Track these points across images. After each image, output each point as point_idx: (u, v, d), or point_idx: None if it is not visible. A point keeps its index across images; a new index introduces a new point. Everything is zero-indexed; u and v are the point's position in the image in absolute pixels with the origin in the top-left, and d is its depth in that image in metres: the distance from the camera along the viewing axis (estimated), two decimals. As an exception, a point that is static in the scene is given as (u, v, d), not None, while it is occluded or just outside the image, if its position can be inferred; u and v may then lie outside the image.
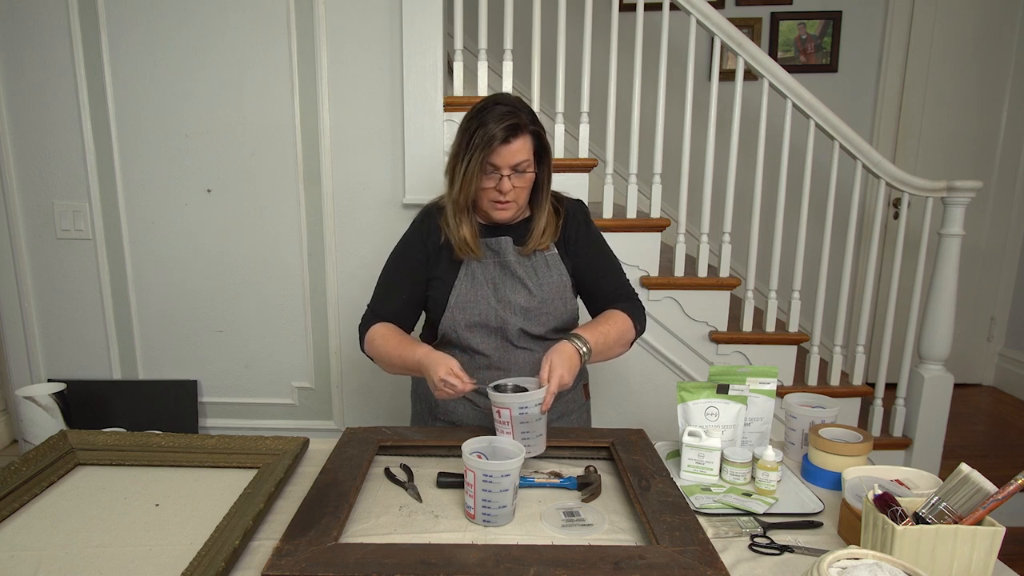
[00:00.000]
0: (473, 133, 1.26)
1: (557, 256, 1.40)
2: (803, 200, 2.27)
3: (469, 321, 1.36)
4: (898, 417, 2.39)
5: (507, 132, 1.24)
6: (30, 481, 1.11)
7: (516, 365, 1.38)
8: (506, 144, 1.25)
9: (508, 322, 1.35)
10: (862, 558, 0.78)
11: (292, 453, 1.20)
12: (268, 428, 2.37)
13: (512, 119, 1.25)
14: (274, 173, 2.21)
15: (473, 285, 1.36)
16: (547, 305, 1.37)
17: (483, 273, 1.37)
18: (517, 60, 2.25)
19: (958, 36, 3.15)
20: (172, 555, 0.93)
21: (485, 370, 1.38)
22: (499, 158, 1.26)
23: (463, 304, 1.36)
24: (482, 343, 1.37)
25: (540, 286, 1.37)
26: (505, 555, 0.89)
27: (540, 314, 1.36)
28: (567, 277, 1.40)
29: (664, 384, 2.31)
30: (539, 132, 1.31)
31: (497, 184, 1.29)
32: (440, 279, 1.39)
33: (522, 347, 1.38)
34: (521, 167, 1.28)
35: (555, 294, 1.37)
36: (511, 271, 1.36)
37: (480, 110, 1.28)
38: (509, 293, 1.36)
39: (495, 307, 1.35)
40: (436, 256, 1.40)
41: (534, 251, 1.37)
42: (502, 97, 1.31)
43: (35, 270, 2.28)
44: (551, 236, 1.38)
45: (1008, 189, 3.29)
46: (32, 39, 2.12)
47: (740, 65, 2.18)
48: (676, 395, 1.26)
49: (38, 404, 1.91)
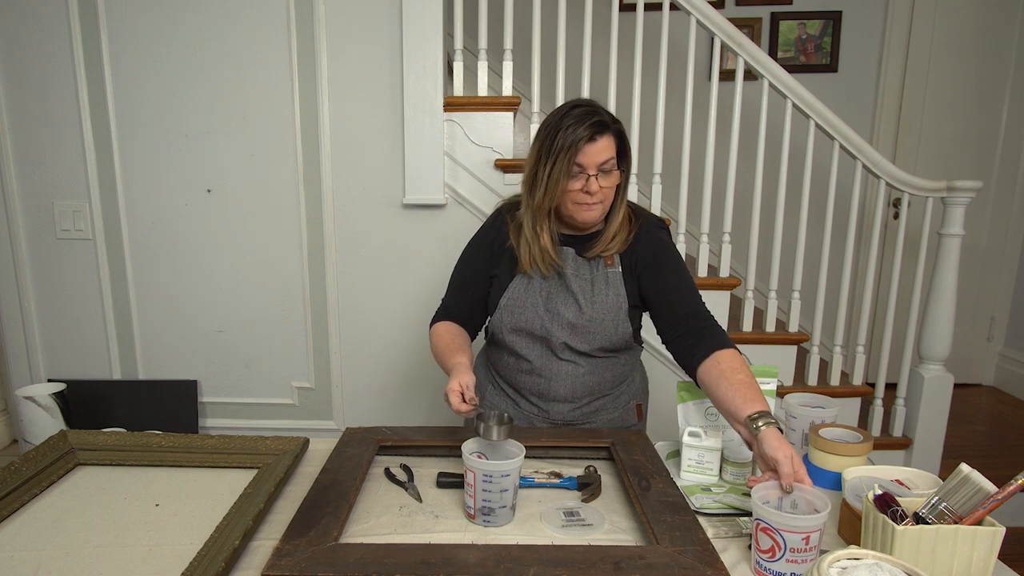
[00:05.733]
0: (555, 136, 1.24)
1: (619, 274, 1.34)
2: (803, 200, 2.27)
3: (515, 325, 1.34)
4: (898, 417, 2.39)
5: (592, 130, 1.23)
6: (30, 481, 1.10)
7: (559, 376, 1.35)
8: (592, 143, 1.23)
9: (553, 334, 1.33)
10: (862, 558, 0.78)
11: (292, 453, 1.20)
12: (268, 428, 2.37)
13: (595, 117, 1.24)
14: (274, 173, 2.21)
15: (526, 291, 1.34)
16: (595, 324, 1.32)
17: (538, 281, 1.35)
18: (517, 60, 2.25)
19: (958, 36, 3.15)
20: (172, 555, 0.93)
21: (528, 375, 1.37)
22: (585, 157, 1.24)
23: (512, 307, 1.34)
24: (526, 349, 1.36)
25: (592, 304, 1.32)
26: (505, 555, 0.89)
27: (587, 332, 1.32)
28: (624, 299, 1.33)
29: (664, 384, 2.31)
30: (621, 131, 1.29)
31: (584, 186, 1.26)
32: (499, 278, 1.38)
33: (566, 360, 1.35)
34: (607, 166, 1.26)
35: (607, 314, 1.32)
36: (566, 284, 1.33)
37: (561, 116, 1.26)
38: (559, 306, 1.33)
39: (542, 317, 1.33)
40: (500, 255, 1.38)
41: (597, 262, 1.34)
42: (579, 100, 1.30)
43: (35, 270, 2.28)
44: (619, 245, 1.34)
45: (1008, 189, 3.29)
46: (32, 39, 2.12)
47: (740, 65, 2.18)
48: (676, 395, 1.26)
49: (38, 404, 1.91)
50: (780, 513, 0.87)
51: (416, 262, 2.26)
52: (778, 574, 0.88)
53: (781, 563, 0.87)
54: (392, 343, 2.34)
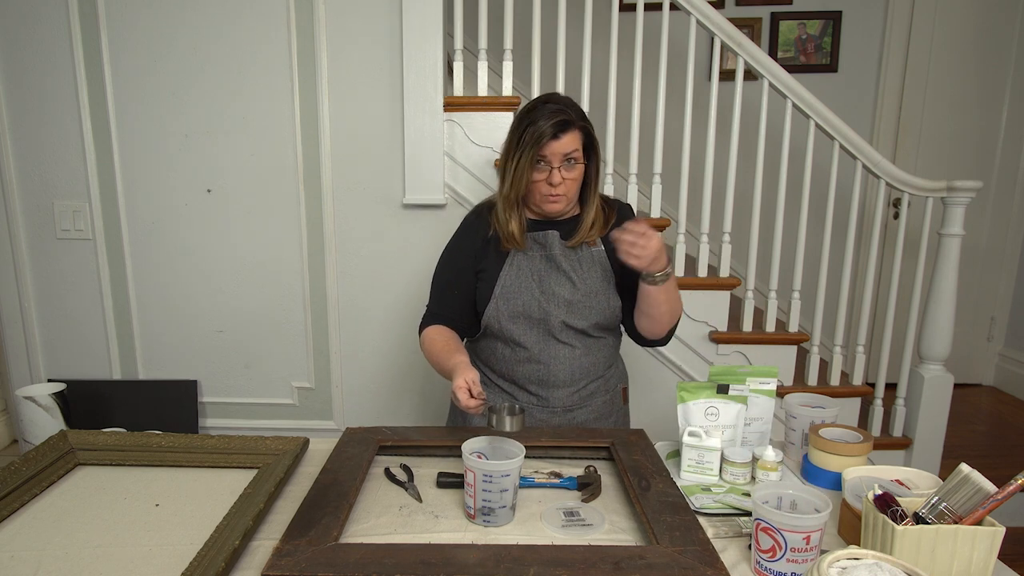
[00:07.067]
0: (524, 130, 1.30)
1: (603, 252, 1.41)
2: (803, 200, 2.27)
3: (512, 311, 1.37)
4: (898, 417, 2.39)
5: (556, 128, 1.28)
6: (30, 481, 1.11)
7: (557, 359, 1.39)
8: (555, 140, 1.29)
9: (551, 314, 1.36)
10: (862, 558, 0.78)
11: (292, 453, 1.20)
12: (268, 428, 2.37)
13: (561, 116, 1.29)
14: (274, 173, 2.21)
15: (518, 276, 1.38)
16: (590, 299, 1.38)
17: (528, 265, 1.39)
18: (517, 60, 2.25)
19: (958, 36, 3.15)
20: (172, 555, 0.93)
21: (526, 363, 1.40)
22: (548, 150, 1.30)
23: (507, 294, 1.38)
24: (524, 335, 1.38)
25: (584, 280, 1.39)
26: (505, 555, 0.89)
27: (583, 307, 1.38)
28: (611, 274, 1.41)
29: (664, 384, 2.31)
30: (588, 128, 1.35)
31: (548, 177, 1.32)
32: (486, 271, 1.41)
33: (563, 341, 1.39)
34: (571, 156, 1.31)
35: (598, 288, 1.39)
36: (556, 264, 1.39)
37: (530, 109, 1.32)
38: (553, 285, 1.38)
39: (538, 298, 1.37)
40: (484, 249, 1.42)
41: (580, 245, 1.40)
42: (552, 96, 1.35)
43: (35, 270, 2.28)
44: (599, 231, 1.41)
45: (1008, 189, 3.29)
46: (32, 39, 2.12)
47: (740, 65, 2.18)
48: (676, 395, 1.26)
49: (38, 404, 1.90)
50: (781, 513, 0.87)
51: (416, 262, 2.26)
52: (779, 574, 0.88)
53: (782, 563, 0.87)
54: (392, 343, 2.34)
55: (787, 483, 0.99)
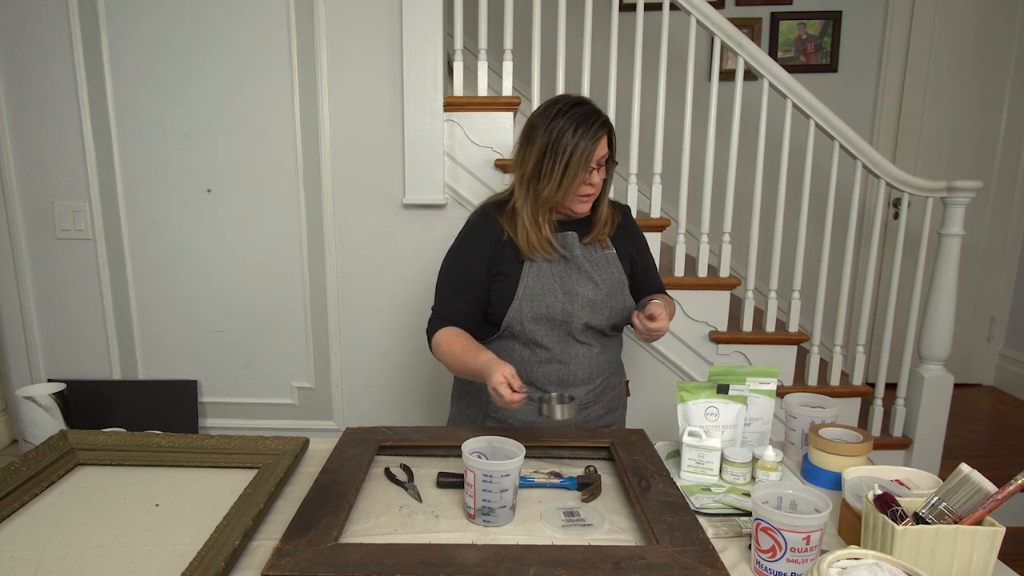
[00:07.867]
0: (562, 136, 1.29)
1: (615, 255, 1.45)
2: (803, 200, 2.27)
3: (536, 314, 1.37)
4: (898, 417, 2.39)
5: (603, 129, 1.32)
6: (30, 481, 1.11)
7: (577, 359, 1.40)
8: (602, 140, 1.32)
9: (574, 315, 1.37)
10: (862, 558, 0.78)
11: (292, 453, 1.20)
12: (268, 428, 2.37)
13: (600, 115, 1.33)
14: (274, 173, 2.21)
15: (539, 278, 1.38)
16: (611, 299, 1.41)
17: (549, 268, 1.39)
18: (517, 60, 2.25)
19: (958, 36, 3.15)
20: (172, 555, 0.93)
21: (546, 364, 1.40)
22: (599, 152, 1.32)
23: (531, 296, 1.37)
24: (545, 336, 1.39)
25: (605, 280, 1.41)
26: (505, 555, 0.89)
27: (604, 307, 1.40)
28: (624, 276, 1.45)
29: (664, 384, 2.31)
30: (611, 126, 1.38)
31: (588, 178, 1.34)
32: (505, 273, 1.39)
33: (583, 342, 1.40)
34: (608, 156, 1.36)
35: (616, 289, 1.42)
36: (578, 265, 1.40)
37: (564, 115, 1.31)
38: (576, 286, 1.38)
39: (562, 300, 1.37)
40: (500, 252, 1.40)
41: (595, 245, 1.43)
42: (579, 98, 1.36)
43: (35, 270, 2.28)
44: (610, 229, 1.45)
45: (1008, 189, 3.29)
46: (32, 39, 2.12)
47: (740, 65, 2.18)
48: (676, 395, 1.26)
49: (38, 404, 1.91)
50: (781, 513, 0.87)
51: (416, 262, 2.26)
52: (779, 574, 0.88)
53: (782, 563, 0.87)
54: (392, 343, 2.34)
55: (787, 483, 0.99)
